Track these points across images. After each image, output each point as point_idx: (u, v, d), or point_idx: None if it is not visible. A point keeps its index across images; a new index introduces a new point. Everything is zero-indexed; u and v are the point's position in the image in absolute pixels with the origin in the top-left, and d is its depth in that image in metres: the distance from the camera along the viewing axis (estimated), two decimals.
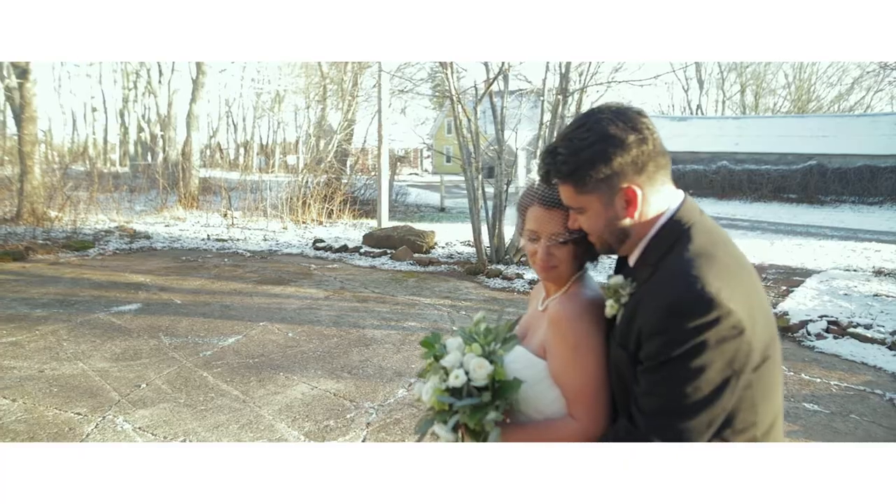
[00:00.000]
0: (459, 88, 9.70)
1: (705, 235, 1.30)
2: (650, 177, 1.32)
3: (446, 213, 19.47)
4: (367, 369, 5.27)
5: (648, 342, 1.23)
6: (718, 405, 1.19)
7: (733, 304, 1.18)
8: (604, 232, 1.38)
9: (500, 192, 9.90)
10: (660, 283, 1.26)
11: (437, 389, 1.45)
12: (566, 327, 1.44)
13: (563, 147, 1.32)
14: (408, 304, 7.57)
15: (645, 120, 1.31)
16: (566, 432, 1.42)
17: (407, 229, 11.14)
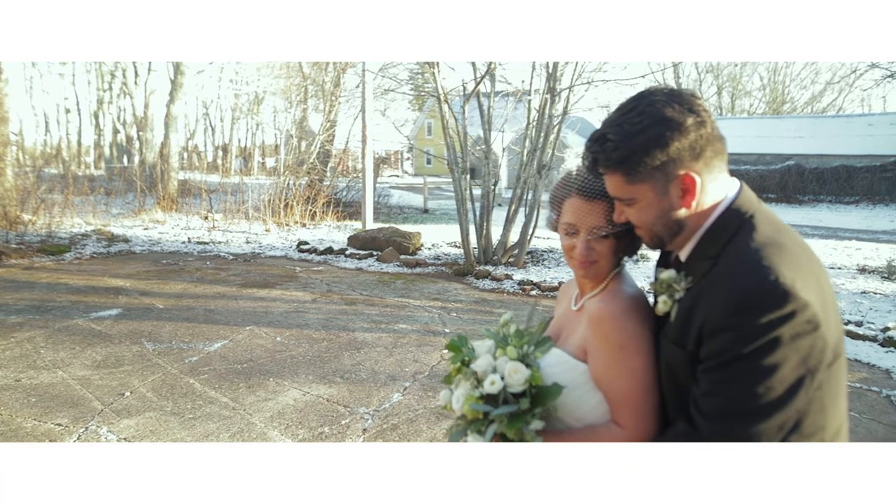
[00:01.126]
0: (445, 88, 9.58)
1: (769, 224, 1.21)
2: (708, 163, 1.22)
3: (430, 214, 19.36)
4: (359, 373, 5.13)
5: (713, 339, 1.13)
6: (792, 407, 1.09)
7: (809, 296, 1.08)
8: (655, 224, 1.28)
9: (488, 192, 9.81)
10: (726, 276, 1.15)
11: (471, 397, 1.34)
12: (610, 326, 1.33)
13: (613, 133, 1.21)
14: (397, 306, 7.44)
15: (700, 101, 1.21)
16: (611, 440, 1.32)
17: (393, 231, 11.00)
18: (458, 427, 1.41)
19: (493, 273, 9.12)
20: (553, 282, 8.66)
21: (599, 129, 1.28)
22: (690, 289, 1.23)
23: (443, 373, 5.13)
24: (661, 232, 1.29)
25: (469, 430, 1.35)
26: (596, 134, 1.27)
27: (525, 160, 9.81)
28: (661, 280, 1.30)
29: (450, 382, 1.53)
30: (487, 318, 6.98)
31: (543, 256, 10.56)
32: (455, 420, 1.44)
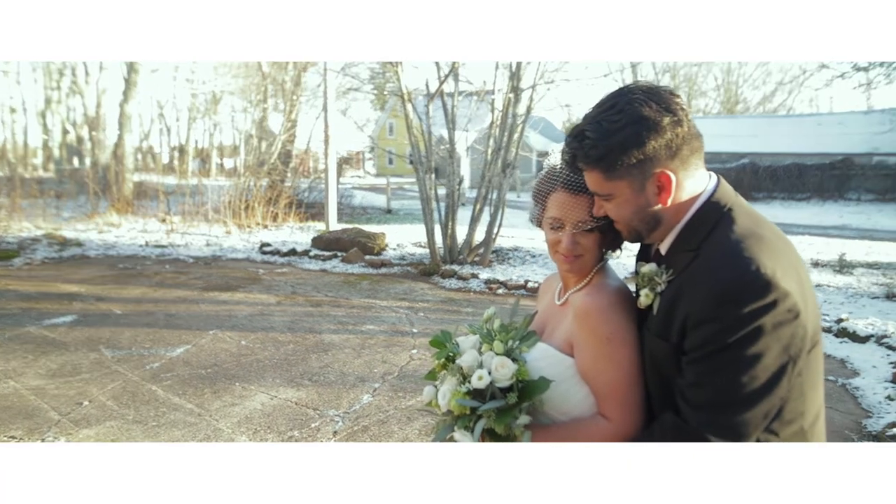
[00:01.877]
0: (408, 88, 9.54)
1: (747, 216, 1.22)
2: (684, 161, 1.22)
3: (393, 214, 19.27)
4: (328, 375, 5.06)
5: (697, 330, 1.14)
6: (776, 395, 1.11)
7: (789, 285, 1.10)
8: (633, 219, 1.28)
9: (453, 191, 9.81)
10: (708, 268, 1.16)
11: (458, 392, 1.32)
12: (596, 320, 1.33)
13: (592, 130, 1.21)
14: (363, 307, 7.37)
15: (678, 100, 1.22)
16: (598, 433, 1.32)
17: (357, 231, 10.90)
18: (443, 424, 1.38)
19: (459, 272, 9.12)
20: (519, 280, 8.71)
21: (579, 126, 1.27)
22: (672, 281, 1.24)
23: (412, 373, 5.11)
24: (638, 227, 1.30)
25: (456, 427, 1.33)
26: (575, 130, 1.27)
27: (489, 159, 9.84)
28: (642, 274, 1.30)
29: (433, 379, 1.51)
30: (455, 318, 6.97)
31: (509, 255, 10.61)
32: (440, 417, 1.41)
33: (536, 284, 8.42)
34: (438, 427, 1.40)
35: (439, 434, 1.37)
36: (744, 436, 1.12)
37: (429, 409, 1.46)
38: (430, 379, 1.51)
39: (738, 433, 1.12)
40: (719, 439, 1.12)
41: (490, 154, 9.83)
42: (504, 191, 9.82)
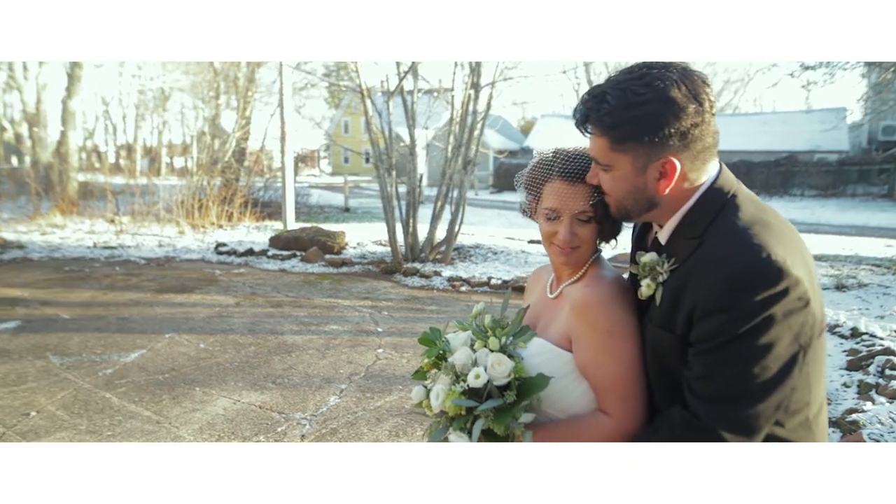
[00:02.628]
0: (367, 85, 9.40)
1: (751, 202, 1.19)
2: (694, 155, 1.17)
3: (352, 213, 19.06)
4: (292, 378, 4.92)
5: (706, 321, 1.09)
6: (787, 385, 1.08)
7: (799, 272, 1.07)
8: (626, 197, 1.23)
9: (414, 189, 9.72)
10: (716, 256, 1.12)
11: (453, 392, 1.25)
12: (596, 312, 1.28)
13: (614, 96, 1.15)
14: (326, 306, 7.22)
15: (709, 90, 1.16)
16: (599, 430, 1.27)
17: (316, 230, 10.70)
18: (438, 426, 1.32)
19: (421, 270, 9.04)
20: (482, 277, 8.69)
21: (601, 86, 1.21)
22: (675, 270, 1.19)
23: (379, 373, 5.02)
24: (629, 206, 1.25)
25: (452, 428, 1.27)
26: (596, 90, 1.21)
27: (450, 156, 9.79)
28: (642, 263, 1.26)
29: (422, 378, 1.44)
30: (419, 316, 6.90)
31: (470, 252, 10.59)
32: (434, 418, 1.35)
33: (500, 281, 8.43)
34: (432, 429, 1.33)
35: (434, 436, 1.31)
36: (756, 429, 1.09)
37: (419, 410, 1.40)
38: (419, 378, 1.45)
39: (750, 427, 1.08)
40: (730, 434, 1.08)
41: (451, 151, 9.79)
42: (465, 188, 9.80)
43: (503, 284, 8.37)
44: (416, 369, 1.49)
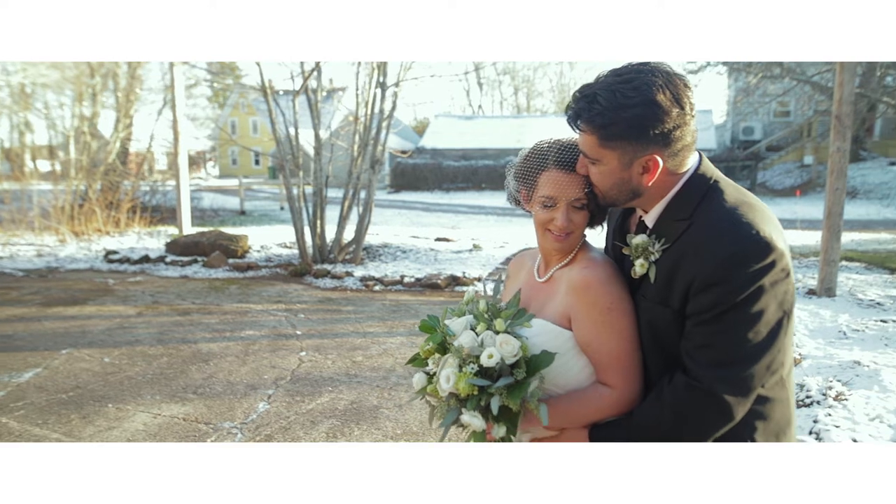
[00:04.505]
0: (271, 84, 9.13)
1: (732, 186, 1.33)
2: (675, 152, 1.29)
3: (248, 216, 18.37)
4: (214, 386, 4.72)
5: (703, 294, 1.22)
6: (775, 347, 1.22)
7: (782, 246, 1.22)
8: (611, 188, 1.34)
9: (320, 190, 9.55)
10: (710, 235, 1.24)
11: (466, 373, 1.31)
12: (597, 292, 1.38)
13: (605, 98, 1.25)
14: (238, 312, 6.96)
15: (690, 94, 1.27)
16: (602, 401, 1.37)
17: (217, 234, 10.24)
18: (448, 408, 1.36)
19: (332, 271, 8.92)
20: (395, 276, 8.71)
21: (591, 86, 1.30)
22: (667, 250, 1.31)
23: (306, 376, 4.94)
24: (615, 195, 1.36)
25: (466, 409, 1.32)
26: (587, 90, 1.30)
27: (356, 155, 9.72)
28: (635, 244, 1.37)
29: (421, 365, 1.48)
30: (336, 318, 6.83)
31: (379, 252, 10.58)
32: (441, 402, 1.39)
33: (412, 279, 8.49)
34: (441, 412, 1.37)
35: (446, 419, 1.35)
36: (752, 388, 1.23)
37: (428, 395, 1.43)
38: (419, 366, 1.48)
39: (748, 386, 1.22)
40: (730, 394, 1.22)
41: (356, 150, 9.72)
42: (373, 187, 9.78)
43: (416, 282, 8.45)
44: (411, 357, 1.53)
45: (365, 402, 4.44)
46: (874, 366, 4.70)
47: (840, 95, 6.36)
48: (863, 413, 3.93)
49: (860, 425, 3.76)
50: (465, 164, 28.80)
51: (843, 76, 6.29)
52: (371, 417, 4.18)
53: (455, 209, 21.69)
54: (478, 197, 26.31)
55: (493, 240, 12.21)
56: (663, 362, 1.33)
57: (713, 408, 1.23)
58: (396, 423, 4.08)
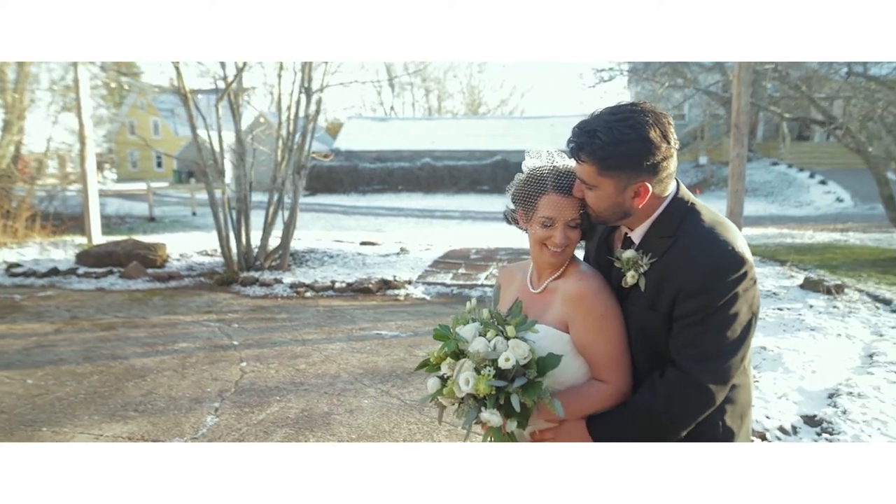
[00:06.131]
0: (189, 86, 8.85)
1: (705, 208, 1.57)
2: (661, 179, 1.52)
3: (158, 222, 17.56)
4: (155, 402, 4.60)
5: (689, 300, 1.44)
6: (747, 343, 1.47)
7: (750, 258, 1.47)
8: (605, 210, 1.55)
9: (244, 195, 9.36)
10: (694, 250, 1.47)
11: (485, 375, 1.47)
12: (592, 301, 1.58)
13: (604, 134, 1.45)
14: (167, 324, 6.75)
15: (672, 129, 1.50)
16: (601, 395, 1.57)
17: (133, 243, 9.79)
18: (467, 408, 1.52)
19: (260, 279, 8.78)
20: (325, 281, 8.69)
21: (590, 123, 1.50)
22: (654, 263, 1.53)
23: (251, 386, 4.91)
24: (608, 216, 1.57)
25: (486, 407, 1.47)
26: (587, 126, 1.50)
27: (279, 160, 9.60)
28: (626, 259, 1.58)
29: (434, 370, 1.62)
30: (272, 326, 6.77)
31: (306, 258, 10.48)
32: (458, 403, 1.54)
33: (343, 284, 8.51)
34: (462, 412, 1.52)
35: (468, 418, 1.50)
36: (731, 378, 1.47)
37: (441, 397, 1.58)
38: (431, 371, 1.62)
39: (728, 376, 1.47)
40: (713, 384, 1.45)
41: (280, 154, 9.60)
42: (299, 193, 9.69)
43: (348, 287, 8.48)
44: (421, 362, 1.66)
45: (315, 409, 4.49)
46: (777, 350, 5.27)
47: (738, 106, 7.02)
48: (772, 392, 4.42)
49: (770, 403, 4.24)
50: (380, 166, 28.81)
51: (741, 88, 6.95)
52: (324, 424, 4.23)
53: (374, 212, 21.70)
54: (395, 199, 26.44)
55: (418, 242, 12.37)
56: (650, 360, 1.55)
57: (700, 396, 1.46)
58: (350, 428, 4.16)
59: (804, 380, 4.68)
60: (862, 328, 6.11)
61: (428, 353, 1.64)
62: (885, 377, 4.68)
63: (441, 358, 1.60)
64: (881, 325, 6.20)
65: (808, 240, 12.87)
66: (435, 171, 27.81)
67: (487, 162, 27.39)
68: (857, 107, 10.78)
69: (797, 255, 10.19)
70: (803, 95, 10.63)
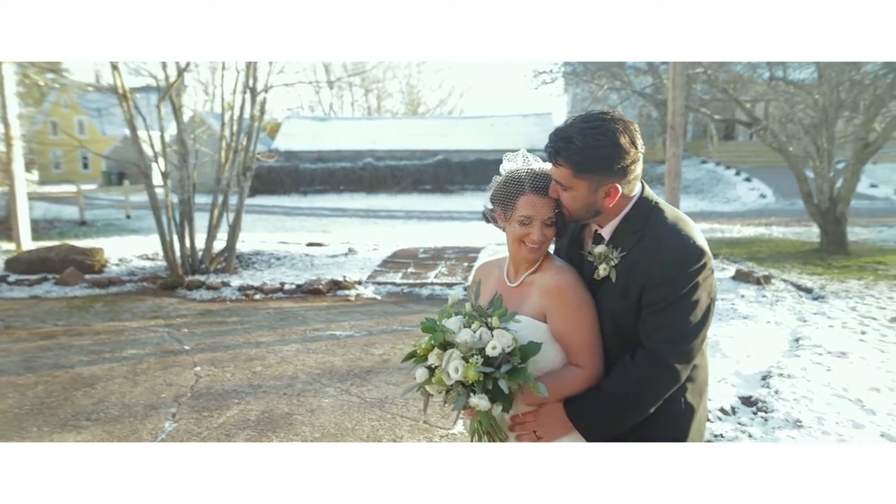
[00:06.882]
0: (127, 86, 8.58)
1: (668, 207, 1.74)
2: (629, 181, 1.67)
3: (90, 226, 16.84)
4: (108, 410, 4.50)
5: (656, 289, 1.60)
6: (706, 326, 1.65)
7: (708, 250, 1.65)
8: (579, 209, 1.70)
9: (188, 197, 9.15)
10: (660, 245, 1.63)
11: (473, 363, 1.58)
12: (568, 293, 1.72)
13: (579, 140, 1.59)
14: (112, 331, 6.55)
15: (638, 134, 1.65)
16: (576, 379, 1.72)
17: (68, 248, 9.40)
18: (456, 394, 1.63)
19: (207, 282, 8.62)
20: (274, 283, 8.62)
21: (566, 130, 1.64)
22: (624, 256, 1.69)
23: (208, 390, 4.87)
24: (581, 215, 1.72)
25: (475, 393, 1.59)
26: (563, 133, 1.64)
27: (223, 161, 9.44)
28: (597, 253, 1.73)
29: (421, 361, 1.72)
30: (224, 329, 6.68)
31: (252, 260, 10.34)
32: (447, 390, 1.65)
33: (293, 286, 8.46)
34: (452, 399, 1.64)
35: (457, 403, 1.62)
36: (693, 357, 1.64)
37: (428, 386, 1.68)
38: (419, 362, 1.73)
39: (691, 356, 1.63)
40: (678, 363, 1.61)
41: (223, 155, 9.44)
42: (244, 195, 9.55)
43: (298, 289, 8.44)
44: (407, 354, 1.77)
45: (276, 410, 4.50)
46: (714, 337, 5.61)
47: (673, 108, 7.41)
48: (711, 376, 4.73)
49: (710, 386, 4.52)
50: (321, 167, 28.47)
51: (676, 91, 7.33)
52: (286, 425, 4.25)
53: (317, 213, 21.49)
54: (338, 199, 26.23)
55: (365, 243, 12.39)
56: (621, 345, 1.71)
57: (666, 374, 1.62)
58: (313, 428, 4.20)
59: (740, 364, 5.03)
60: (788, 315, 6.58)
61: (415, 345, 1.74)
62: (810, 359, 5.09)
63: (428, 349, 1.70)
64: (804, 311, 6.70)
65: (736, 234, 13.63)
66: (377, 171, 27.73)
67: (429, 162, 27.53)
68: (778, 109, 11.52)
69: (728, 249, 10.80)
70: (730, 98, 11.25)
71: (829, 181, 10.15)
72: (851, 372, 4.80)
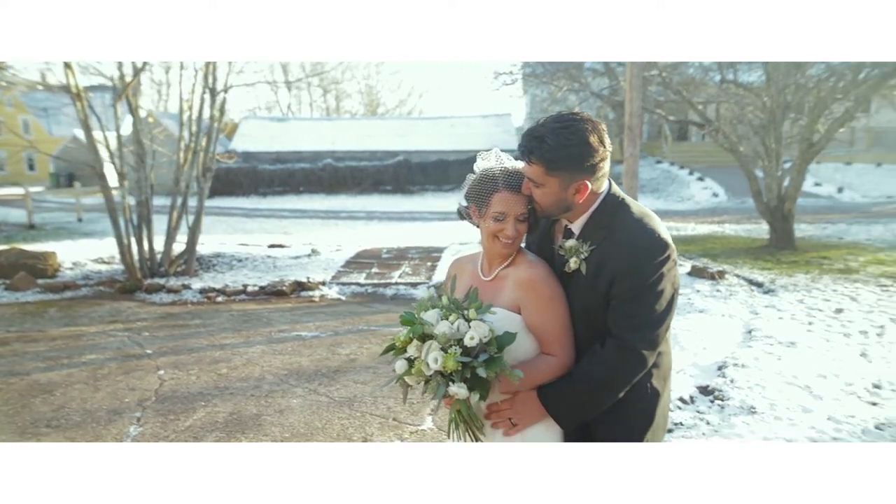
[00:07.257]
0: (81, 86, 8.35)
1: (634, 203, 1.83)
2: (598, 178, 1.76)
3: (39, 230, 16.26)
4: (70, 417, 4.41)
5: (624, 280, 1.70)
6: (671, 314, 1.75)
7: (671, 243, 1.75)
8: (551, 205, 1.78)
9: (145, 199, 8.96)
10: (627, 238, 1.73)
11: (452, 353, 1.65)
12: (542, 285, 1.80)
13: (552, 139, 1.67)
14: (69, 336, 6.39)
15: (606, 134, 1.74)
16: (549, 368, 1.80)
17: (18, 252, 9.10)
18: (436, 384, 1.69)
19: (166, 285, 8.46)
20: (236, 285, 8.53)
21: (538, 130, 1.72)
22: (594, 250, 1.78)
23: (173, 394, 4.82)
24: (552, 210, 1.80)
25: (454, 381, 1.65)
26: (535, 133, 1.71)
27: (182, 162, 9.27)
28: (568, 247, 1.82)
29: (401, 353, 1.78)
30: (186, 332, 6.58)
31: (213, 262, 10.18)
32: (427, 380, 1.71)
33: (256, 288, 8.39)
34: (432, 388, 1.70)
35: (437, 392, 1.68)
36: (658, 344, 1.74)
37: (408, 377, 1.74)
38: (398, 354, 1.78)
39: (656, 343, 1.73)
40: (645, 349, 1.71)
41: (182, 156, 9.27)
42: (204, 196, 9.41)
43: (260, 290, 8.36)
44: (386, 346, 1.82)
45: (244, 411, 4.48)
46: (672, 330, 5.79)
47: (630, 109, 7.62)
48: None
49: None
50: (280, 168, 28.07)
51: (633, 93, 7.55)
52: (255, 425, 4.24)
53: (277, 214, 21.22)
54: (298, 201, 25.92)
55: (328, 244, 12.32)
56: (591, 333, 1.80)
57: (635, 360, 1.72)
58: (283, 428, 4.20)
59: (697, 355, 5.24)
60: (741, 308, 6.86)
61: (394, 338, 1.80)
62: (762, 349, 5.33)
63: (407, 342, 1.76)
64: (756, 304, 6.99)
65: (691, 232, 14.06)
66: (337, 171, 27.53)
67: (390, 162, 27.47)
68: (729, 110, 11.94)
69: (683, 246, 11.13)
70: (683, 99, 11.61)
71: (777, 180, 10.58)
72: (800, 360, 5.05)
